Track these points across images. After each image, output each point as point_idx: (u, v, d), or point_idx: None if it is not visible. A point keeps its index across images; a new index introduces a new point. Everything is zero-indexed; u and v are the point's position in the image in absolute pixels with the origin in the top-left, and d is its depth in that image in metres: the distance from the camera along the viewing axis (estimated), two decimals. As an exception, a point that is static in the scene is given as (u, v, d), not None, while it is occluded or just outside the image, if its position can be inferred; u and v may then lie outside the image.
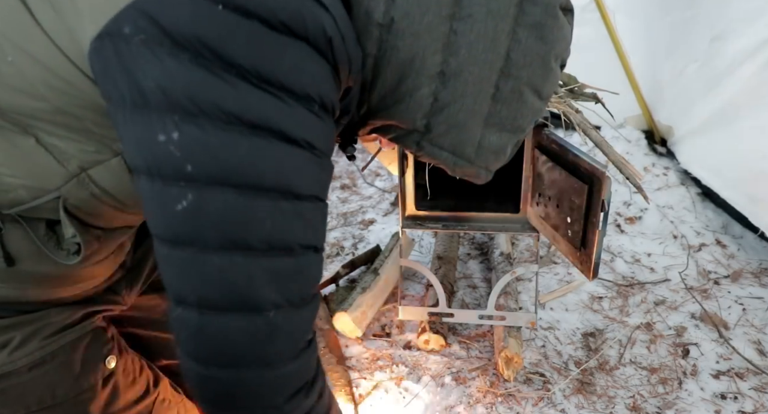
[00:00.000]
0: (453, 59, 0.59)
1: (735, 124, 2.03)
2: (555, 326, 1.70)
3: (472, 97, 0.62)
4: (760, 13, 1.86)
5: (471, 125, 0.64)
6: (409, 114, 0.63)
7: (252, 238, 0.53)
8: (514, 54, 0.61)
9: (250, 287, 0.54)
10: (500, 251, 1.90)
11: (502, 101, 0.63)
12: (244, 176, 0.51)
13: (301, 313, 0.60)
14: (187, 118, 0.49)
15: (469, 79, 0.61)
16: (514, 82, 0.62)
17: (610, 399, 1.44)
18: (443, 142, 0.65)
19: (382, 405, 1.44)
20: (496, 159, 0.69)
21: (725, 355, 1.58)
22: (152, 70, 0.49)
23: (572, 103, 1.45)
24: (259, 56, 0.50)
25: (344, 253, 2.14)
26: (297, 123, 0.53)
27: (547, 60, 0.62)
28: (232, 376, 0.58)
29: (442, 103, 0.62)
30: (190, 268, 0.53)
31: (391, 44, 0.58)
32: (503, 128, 0.65)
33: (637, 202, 2.33)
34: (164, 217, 0.53)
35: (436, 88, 0.61)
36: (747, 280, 1.89)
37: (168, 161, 0.50)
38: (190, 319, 0.55)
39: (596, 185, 1.12)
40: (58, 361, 0.84)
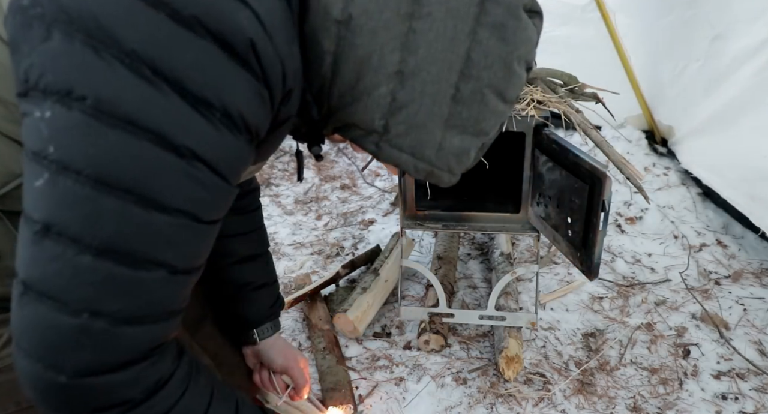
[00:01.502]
0: (411, 58, 0.58)
1: (736, 124, 2.02)
2: (555, 326, 1.70)
3: (430, 98, 0.60)
4: (761, 13, 1.86)
5: (431, 126, 0.62)
6: (368, 114, 0.61)
7: (87, 236, 0.49)
8: (474, 54, 0.59)
9: (72, 283, 0.50)
10: (500, 251, 1.90)
11: (463, 103, 0.61)
12: (101, 170, 0.48)
13: (124, 331, 0.53)
14: (62, 100, 0.48)
15: (428, 78, 0.59)
16: (475, 84, 0.60)
17: (610, 399, 1.44)
18: (402, 144, 0.63)
19: (382, 405, 1.44)
20: (458, 162, 0.66)
21: (726, 355, 1.57)
22: (40, 47, 0.48)
23: (573, 103, 1.44)
24: (159, 48, 0.48)
25: (344, 253, 2.14)
26: (181, 128, 0.50)
27: (509, 62, 0.61)
28: (41, 373, 0.52)
29: (400, 102, 0.60)
30: (28, 246, 0.51)
31: (349, 41, 0.57)
32: (465, 131, 0.64)
33: (637, 202, 2.33)
34: (26, 190, 0.51)
35: (394, 87, 0.59)
36: (748, 281, 1.89)
37: (37, 138, 0.49)
38: (17, 296, 0.52)
39: (597, 185, 1.12)
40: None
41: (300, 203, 2.57)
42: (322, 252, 2.15)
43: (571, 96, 1.48)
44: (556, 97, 1.42)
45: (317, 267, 2.06)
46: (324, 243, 2.22)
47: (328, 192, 2.67)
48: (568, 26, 2.68)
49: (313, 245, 2.21)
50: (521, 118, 1.34)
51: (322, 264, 2.08)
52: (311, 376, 1.50)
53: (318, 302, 1.76)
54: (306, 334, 1.70)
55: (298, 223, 2.39)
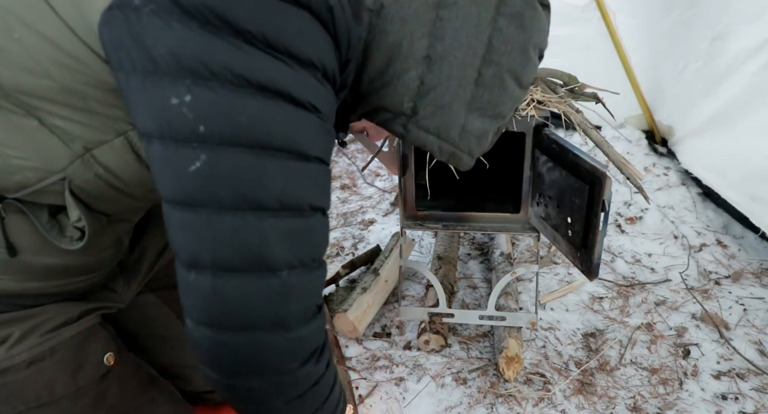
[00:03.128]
0: (439, 44, 0.63)
1: (736, 124, 2.02)
2: (555, 326, 1.70)
3: (456, 81, 0.65)
4: (761, 13, 1.86)
5: (455, 108, 0.66)
6: (397, 97, 0.66)
7: (264, 197, 0.54)
8: (495, 41, 0.64)
9: (264, 246, 0.55)
10: (500, 251, 1.90)
11: (485, 86, 0.66)
12: (255, 136, 0.53)
13: (312, 276, 0.61)
14: (198, 82, 0.51)
15: (454, 63, 0.64)
16: (496, 69, 0.65)
17: (610, 399, 1.44)
18: (429, 125, 0.67)
19: (382, 405, 1.44)
20: (478, 144, 0.71)
21: (726, 355, 1.57)
22: (163, 37, 0.50)
23: (573, 103, 1.44)
24: (265, 22, 0.52)
25: (344, 254, 2.14)
26: (302, 86, 0.55)
27: (526, 48, 0.65)
28: (246, 340, 0.58)
29: (428, 86, 0.65)
30: (204, 230, 0.54)
31: (381, 28, 0.62)
32: (485, 113, 0.68)
33: (637, 202, 2.33)
34: (177, 179, 0.53)
35: (422, 71, 0.64)
36: (748, 281, 1.89)
37: (181, 123, 0.51)
38: (203, 283, 0.55)
39: (597, 185, 1.12)
40: (57, 358, 0.84)
41: (300, 203, 2.57)
42: (322, 252, 2.15)
43: (571, 96, 1.48)
44: (556, 97, 1.42)
45: (317, 267, 2.06)
46: (324, 243, 2.22)
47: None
48: (568, 26, 2.68)
49: (313, 245, 2.21)
50: (521, 118, 1.34)
51: (322, 264, 2.07)
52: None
53: (318, 302, 1.76)
54: (306, 334, 1.70)
55: (298, 223, 2.39)
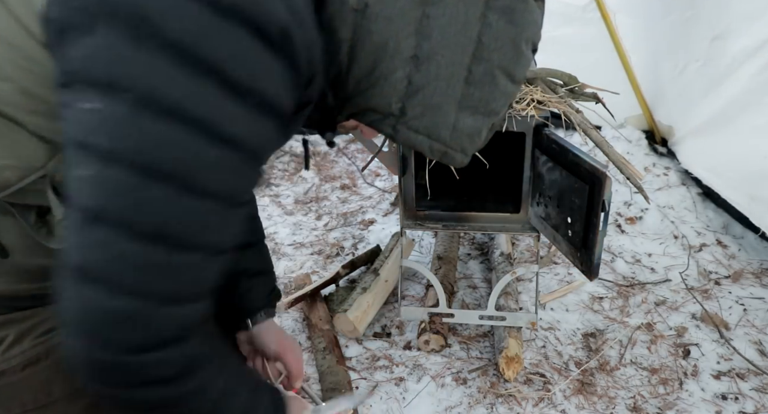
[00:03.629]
0: (426, 43, 0.61)
1: (736, 124, 2.02)
2: (555, 326, 1.70)
3: (445, 80, 0.63)
4: (761, 13, 1.86)
5: (445, 108, 0.65)
6: (385, 98, 0.64)
7: (139, 221, 0.51)
8: (485, 38, 0.62)
9: (118, 268, 0.52)
10: (500, 251, 1.90)
11: (475, 84, 0.64)
12: (149, 159, 0.50)
13: (168, 311, 0.56)
14: (108, 92, 0.49)
15: (442, 62, 0.62)
16: (486, 65, 0.63)
17: (610, 399, 1.44)
18: (418, 126, 0.66)
19: (382, 405, 1.44)
20: (471, 142, 0.69)
21: (726, 355, 1.57)
22: (84, 39, 0.48)
23: (573, 103, 1.44)
24: (200, 39, 0.49)
25: (344, 254, 2.14)
26: (223, 115, 0.51)
27: (518, 43, 0.63)
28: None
29: (416, 86, 0.63)
30: (77, 233, 0.53)
31: (366, 28, 0.59)
32: (477, 111, 0.66)
33: (637, 202, 2.33)
34: (72, 180, 0.52)
35: (410, 71, 0.62)
36: (748, 281, 1.89)
37: (82, 128, 0.50)
38: (68, 282, 0.54)
39: (597, 185, 1.12)
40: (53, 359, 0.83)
41: (300, 203, 2.57)
42: (322, 252, 2.15)
43: (571, 96, 1.48)
44: (556, 97, 1.42)
45: (317, 267, 2.06)
46: (324, 243, 2.22)
47: (328, 192, 2.67)
48: (568, 26, 2.68)
49: (313, 245, 2.21)
50: (521, 118, 1.34)
51: (322, 264, 2.08)
52: (311, 377, 1.50)
53: (318, 302, 1.76)
54: (306, 334, 1.70)
55: (298, 223, 2.39)
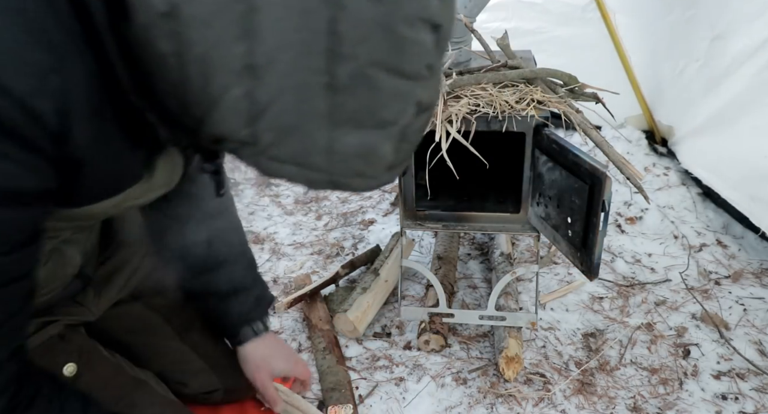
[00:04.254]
0: (259, 46, 0.46)
1: (736, 124, 2.02)
2: (555, 326, 1.70)
3: (293, 93, 0.47)
4: (761, 13, 1.86)
5: (307, 128, 0.49)
6: (228, 123, 0.50)
7: None
8: (341, 26, 0.45)
9: None
10: (500, 251, 1.90)
11: (344, 91, 0.47)
12: None
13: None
14: None
15: (283, 69, 0.46)
16: (352, 65, 0.46)
17: (610, 399, 1.44)
18: (279, 154, 0.51)
19: (382, 405, 1.44)
20: (367, 163, 0.53)
21: (726, 355, 1.57)
22: None
23: (572, 103, 1.44)
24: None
25: (344, 254, 2.14)
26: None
27: (392, 26, 0.46)
28: None
29: (261, 105, 0.48)
30: None
31: (185, 37, 0.47)
32: (360, 125, 0.50)
33: (637, 202, 2.33)
34: None
35: (248, 87, 0.48)
36: (748, 281, 1.89)
37: None
38: None
39: (597, 185, 1.12)
40: None
41: (300, 203, 2.57)
42: (322, 252, 2.15)
43: (571, 96, 1.48)
44: (556, 97, 1.42)
45: (317, 267, 2.06)
46: (324, 243, 2.22)
47: (328, 192, 2.67)
48: (568, 26, 2.68)
49: (313, 245, 2.21)
50: (521, 118, 1.34)
51: (322, 264, 2.08)
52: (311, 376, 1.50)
53: (318, 302, 1.76)
54: (306, 334, 1.70)
55: (298, 223, 2.39)
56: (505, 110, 1.35)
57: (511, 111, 1.35)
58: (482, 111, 1.35)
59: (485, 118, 1.35)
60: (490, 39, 1.64)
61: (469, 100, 1.38)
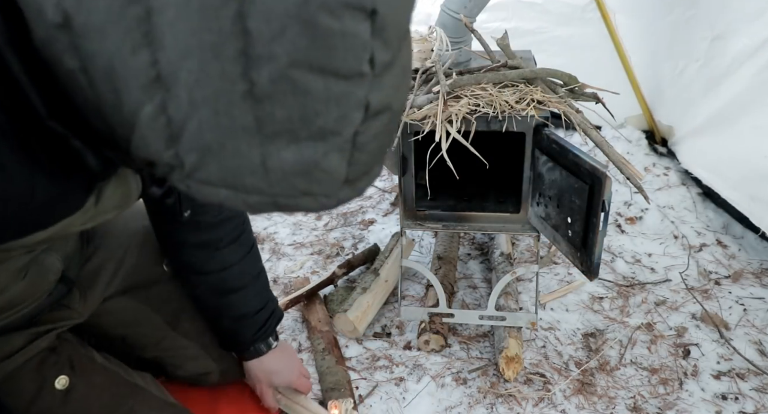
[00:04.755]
0: (162, 53, 0.39)
1: (736, 124, 2.02)
2: (555, 327, 1.70)
3: (209, 106, 0.40)
4: (761, 13, 1.86)
5: (233, 145, 0.42)
6: (150, 145, 0.44)
7: None
8: (251, 22, 0.37)
9: None
10: (500, 251, 1.90)
11: (269, 99, 0.40)
12: None
13: None
14: None
15: (192, 79, 0.39)
16: (272, 67, 0.39)
17: (610, 399, 1.44)
18: (209, 177, 0.45)
19: (382, 405, 1.44)
20: (311, 180, 0.45)
21: (726, 355, 1.57)
22: None
23: (573, 103, 1.44)
24: None
25: (344, 254, 2.14)
26: None
27: (311, 17, 0.38)
28: None
29: (177, 122, 0.42)
30: None
31: (85, 50, 0.41)
32: (296, 137, 0.42)
33: (637, 202, 2.33)
34: None
35: (161, 101, 0.41)
36: (748, 281, 1.89)
37: None
38: None
39: (597, 185, 1.12)
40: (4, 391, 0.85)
41: (300, 203, 2.57)
42: (322, 252, 2.15)
43: (571, 96, 1.48)
44: (556, 97, 1.42)
45: (317, 267, 2.06)
46: (324, 243, 2.22)
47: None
48: (568, 26, 2.68)
49: (313, 245, 2.21)
50: (521, 118, 1.34)
51: (322, 264, 2.08)
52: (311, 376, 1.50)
53: (317, 304, 1.75)
54: (306, 335, 1.70)
55: (298, 223, 2.39)
56: (505, 110, 1.35)
57: (511, 111, 1.35)
58: (482, 111, 1.35)
59: (485, 118, 1.35)
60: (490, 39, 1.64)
61: (469, 100, 1.38)
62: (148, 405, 1.05)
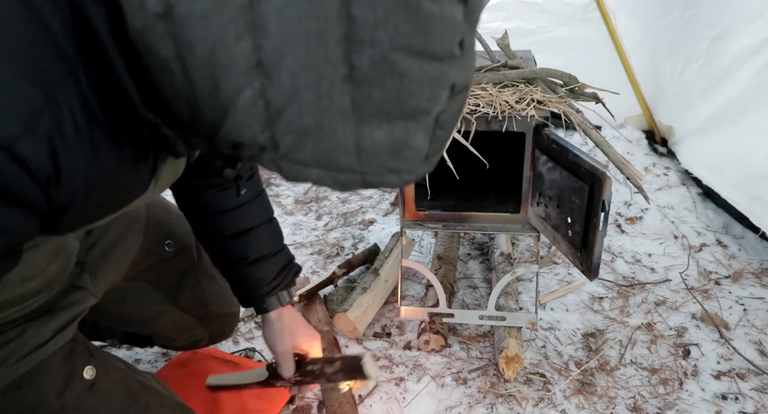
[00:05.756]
0: (266, 41, 0.41)
1: (736, 124, 2.02)
2: (555, 326, 1.70)
3: (311, 90, 0.43)
4: (761, 13, 1.86)
5: (331, 126, 0.45)
6: (245, 128, 0.46)
7: None
8: (355, 9, 0.40)
9: None
10: (500, 251, 1.90)
11: (367, 82, 0.43)
12: None
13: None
14: None
15: (295, 64, 0.42)
16: (374, 51, 0.41)
17: (610, 399, 1.44)
18: (302, 158, 0.47)
19: (382, 405, 1.44)
20: (397, 158, 0.48)
21: (726, 355, 1.57)
22: None
23: (573, 103, 1.44)
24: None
25: (344, 254, 2.14)
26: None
27: (414, 2, 0.40)
28: None
29: (277, 105, 0.44)
30: None
31: (184, 39, 0.43)
32: (389, 117, 0.45)
33: (637, 202, 2.33)
34: None
35: (260, 86, 0.43)
36: (748, 281, 1.89)
37: None
38: None
39: (597, 185, 1.12)
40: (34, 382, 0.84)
41: (300, 203, 2.57)
42: (322, 252, 2.15)
43: (571, 96, 1.48)
44: (556, 97, 1.42)
45: (317, 267, 2.06)
46: (324, 243, 2.22)
47: (328, 192, 2.67)
48: (568, 26, 2.68)
49: (313, 245, 2.21)
50: (521, 118, 1.34)
51: (322, 264, 2.08)
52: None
53: (317, 304, 1.75)
54: (306, 334, 1.70)
55: (298, 223, 2.39)
56: (505, 110, 1.35)
57: (511, 111, 1.35)
58: (482, 111, 1.35)
59: (485, 118, 1.35)
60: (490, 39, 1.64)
61: (469, 100, 1.38)
62: (161, 403, 1.06)
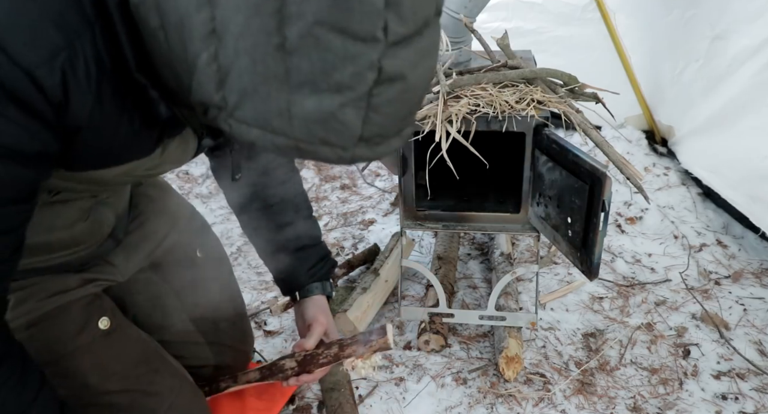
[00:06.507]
0: (218, 11, 0.49)
1: (736, 124, 2.02)
2: (555, 327, 1.70)
3: (248, 55, 0.49)
4: (761, 13, 1.86)
5: (264, 90, 0.51)
6: (204, 88, 0.54)
7: None
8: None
9: None
10: (500, 251, 1.90)
11: (297, 53, 0.48)
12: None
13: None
14: None
15: (237, 31, 0.49)
16: (301, 25, 0.47)
17: (610, 399, 1.44)
18: (245, 116, 0.54)
19: (382, 405, 1.44)
20: (326, 129, 0.52)
21: (726, 355, 1.57)
22: None
23: (573, 103, 1.44)
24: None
25: (344, 254, 2.14)
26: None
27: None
28: None
29: (225, 68, 0.52)
30: None
31: (163, 9, 0.53)
32: (317, 88, 0.49)
33: (637, 202, 2.33)
34: None
35: (215, 51, 0.51)
36: (748, 281, 1.89)
37: None
38: None
39: (597, 185, 1.12)
40: (53, 321, 0.95)
41: (300, 203, 2.57)
42: (322, 252, 2.15)
43: (571, 96, 1.48)
44: (556, 97, 1.42)
45: (317, 267, 2.06)
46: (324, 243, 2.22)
47: (328, 192, 2.67)
48: (568, 26, 2.68)
49: (313, 245, 2.21)
50: (521, 118, 1.34)
51: (322, 264, 2.07)
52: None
53: (318, 302, 1.75)
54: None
55: (298, 223, 2.39)
56: (505, 110, 1.35)
57: (511, 111, 1.35)
58: (482, 111, 1.35)
59: (485, 118, 1.35)
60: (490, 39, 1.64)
61: (469, 100, 1.38)
62: (170, 371, 1.11)
